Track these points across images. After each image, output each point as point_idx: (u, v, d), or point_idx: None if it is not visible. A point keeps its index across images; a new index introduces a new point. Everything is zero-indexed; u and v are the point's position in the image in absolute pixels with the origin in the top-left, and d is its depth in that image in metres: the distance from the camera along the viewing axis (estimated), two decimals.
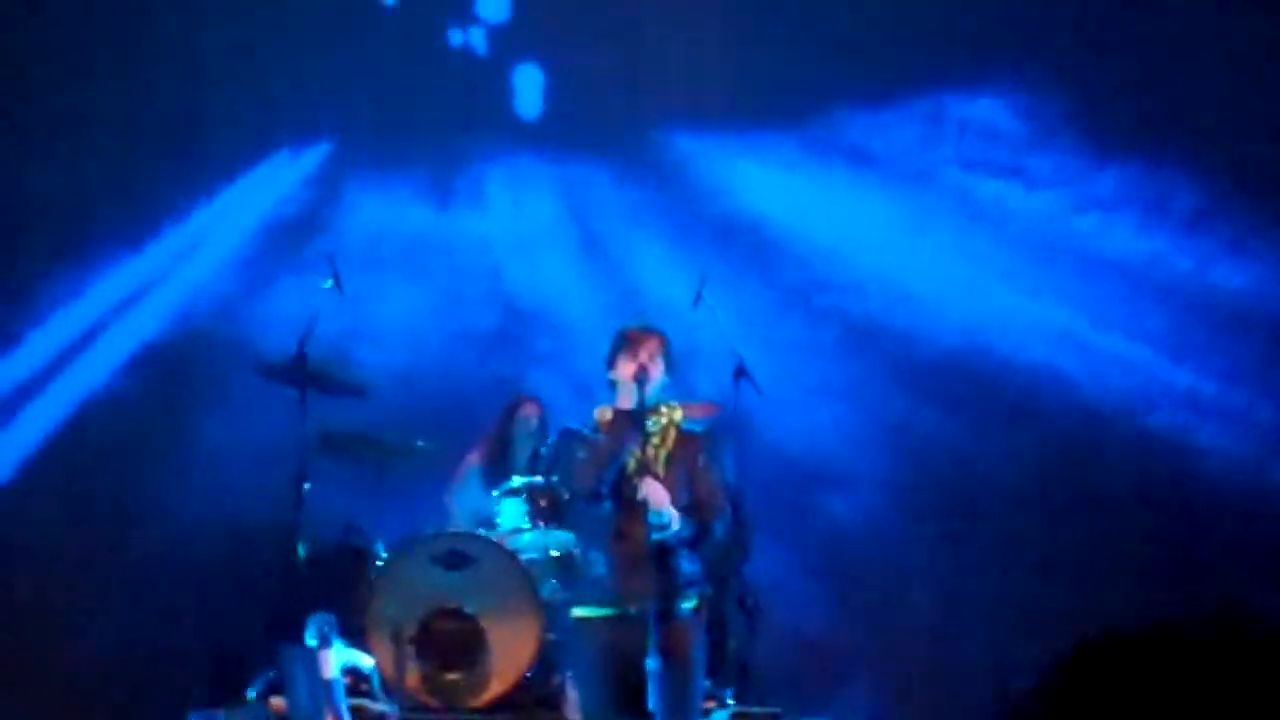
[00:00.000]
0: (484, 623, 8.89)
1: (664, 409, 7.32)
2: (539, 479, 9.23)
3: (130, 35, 10.60)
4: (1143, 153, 10.40)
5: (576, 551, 7.74)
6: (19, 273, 10.45)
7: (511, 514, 9.21)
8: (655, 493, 7.10)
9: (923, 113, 10.60)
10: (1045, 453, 10.29)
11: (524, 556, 9.08)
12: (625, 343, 7.34)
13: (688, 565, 7.25)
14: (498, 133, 10.79)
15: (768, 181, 10.68)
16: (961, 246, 10.55)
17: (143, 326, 10.55)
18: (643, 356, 7.26)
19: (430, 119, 10.77)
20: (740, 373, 9.09)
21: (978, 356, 10.43)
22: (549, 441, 9.42)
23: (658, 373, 7.26)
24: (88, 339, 10.49)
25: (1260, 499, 9.98)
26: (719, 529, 7.41)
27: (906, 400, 10.45)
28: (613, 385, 7.38)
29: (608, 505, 7.23)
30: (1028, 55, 10.44)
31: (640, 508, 7.10)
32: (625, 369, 7.29)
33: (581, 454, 7.27)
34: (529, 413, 9.76)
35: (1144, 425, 10.27)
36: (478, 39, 10.94)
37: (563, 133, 10.76)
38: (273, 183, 10.73)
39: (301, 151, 10.75)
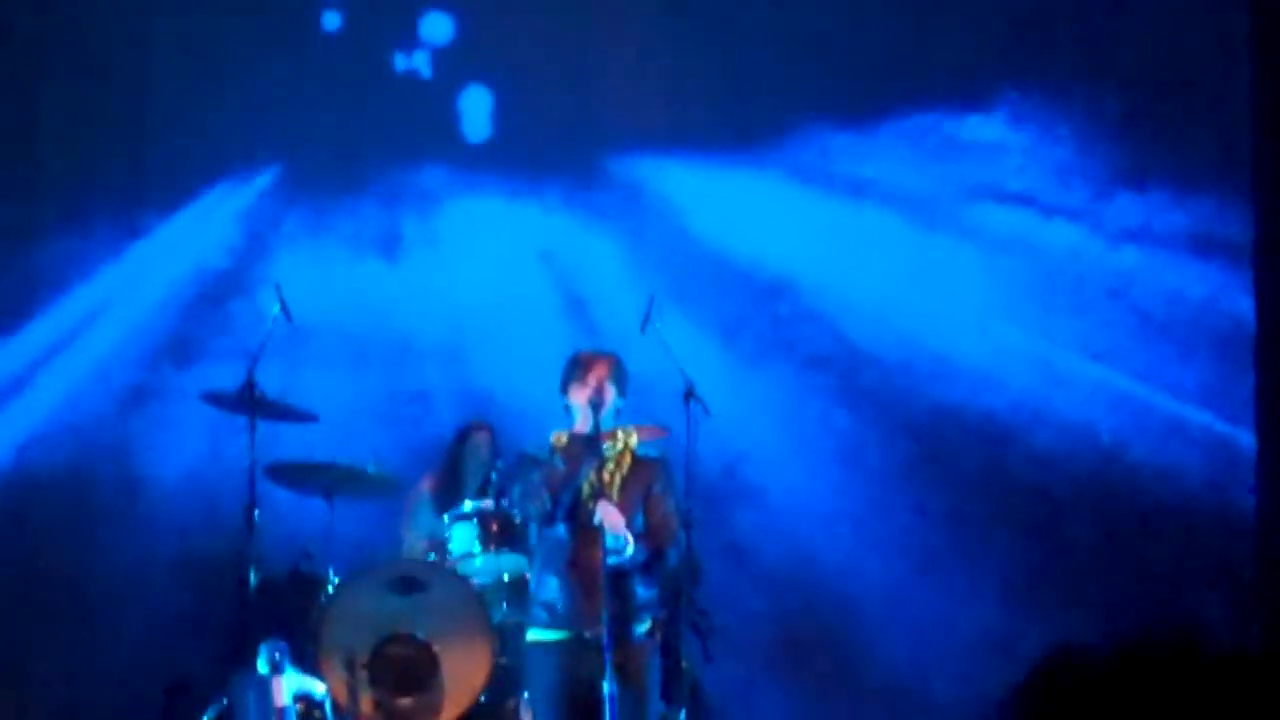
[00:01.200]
0: (436, 648, 8.87)
1: (620, 433, 7.37)
2: (489, 504, 9.23)
3: (77, 66, 10.57)
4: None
5: (529, 575, 7.75)
6: None
7: (462, 539, 9.20)
8: (611, 517, 7.14)
9: (895, 131, 10.63)
10: (1004, 474, 10.34)
11: (476, 581, 9.07)
12: (578, 367, 7.39)
13: (642, 590, 7.30)
14: (445, 157, 10.78)
15: (721, 204, 10.72)
16: (909, 262, 10.60)
17: (87, 357, 10.51)
18: (593, 380, 7.30)
19: (376, 144, 10.75)
20: (690, 395, 9.08)
21: (937, 380, 10.49)
22: (499, 466, 9.45)
23: (611, 396, 7.32)
24: (32, 370, 10.44)
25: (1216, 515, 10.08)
26: (673, 554, 7.47)
27: (860, 422, 10.50)
28: (567, 410, 7.42)
29: (562, 529, 7.27)
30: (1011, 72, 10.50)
31: (595, 532, 7.14)
32: (579, 394, 7.34)
33: (536, 477, 7.31)
34: (479, 439, 9.76)
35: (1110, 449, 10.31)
36: (422, 62, 10.94)
37: (511, 156, 10.77)
38: (214, 215, 10.71)
39: (242, 184, 10.73)
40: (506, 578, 9.15)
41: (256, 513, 9.01)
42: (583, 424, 7.37)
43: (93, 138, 10.54)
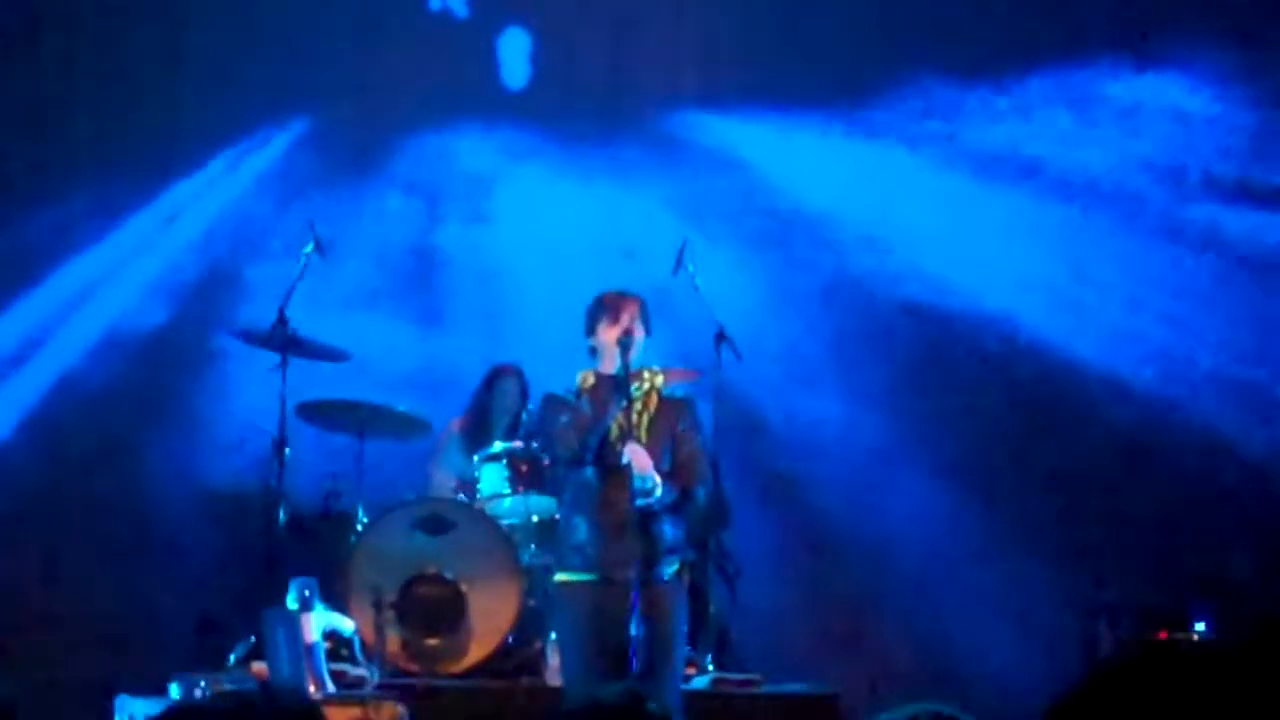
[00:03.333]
0: (464, 588, 8.90)
1: (646, 374, 7.34)
2: (519, 444, 9.24)
3: (112, 13, 10.57)
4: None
5: (558, 516, 7.75)
6: None
7: (492, 479, 9.21)
8: (639, 458, 7.11)
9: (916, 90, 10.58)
10: (1045, 430, 10.31)
11: (504, 522, 9.09)
12: (604, 308, 7.35)
13: (670, 531, 7.27)
14: (483, 102, 10.73)
15: (778, 154, 10.67)
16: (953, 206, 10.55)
17: (118, 301, 10.53)
18: (624, 320, 7.27)
19: (411, 88, 10.70)
20: (721, 338, 9.07)
21: (988, 336, 10.45)
22: (529, 409, 9.45)
23: (639, 335, 7.28)
24: (63, 315, 10.47)
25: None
26: (701, 495, 7.44)
27: (902, 375, 10.48)
28: (593, 351, 7.38)
29: (590, 470, 7.25)
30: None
31: (623, 473, 7.11)
32: (607, 333, 7.30)
33: (564, 419, 7.28)
34: (508, 382, 9.77)
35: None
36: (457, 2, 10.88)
37: (550, 102, 10.70)
38: (250, 160, 10.70)
39: (277, 130, 10.71)
40: (535, 519, 9.17)
41: (287, 450, 9.04)
42: (609, 364, 7.33)
43: (126, 86, 10.54)
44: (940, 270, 10.49)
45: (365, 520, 9.14)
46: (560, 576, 7.42)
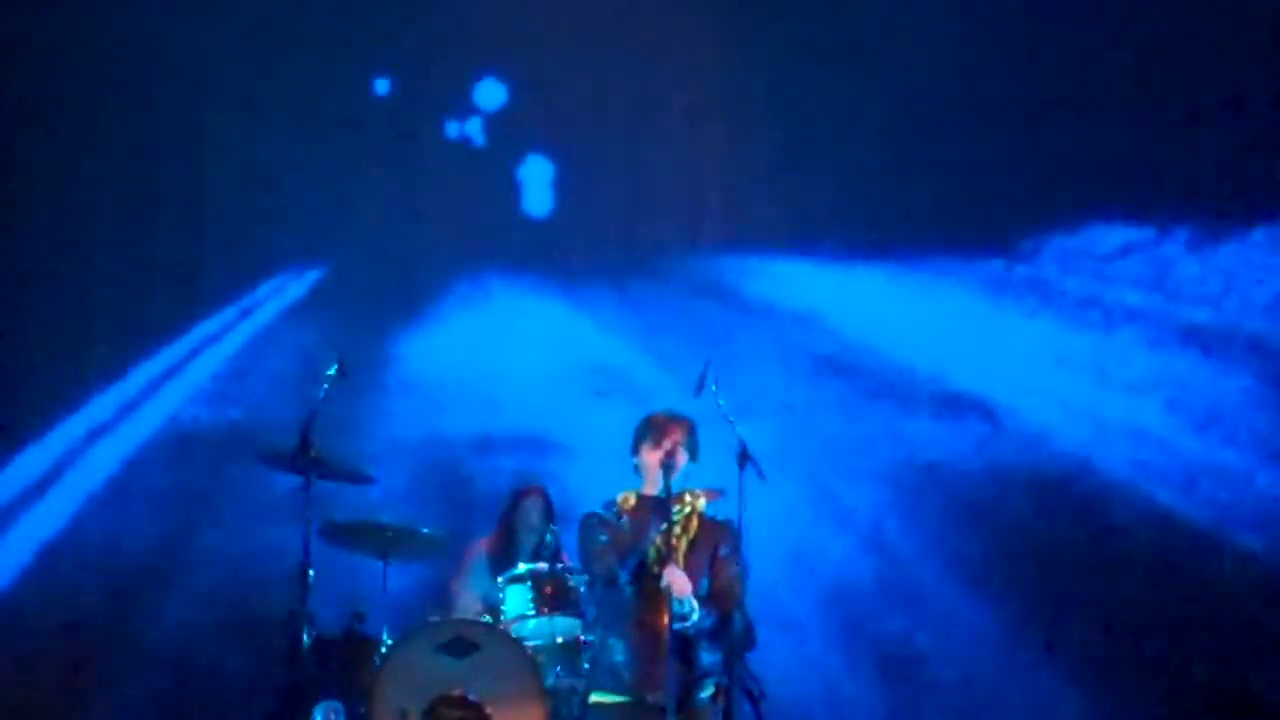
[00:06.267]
0: (489, 710, 8.83)
1: (688, 496, 7.37)
2: (543, 566, 9.23)
3: (134, 151, 10.70)
4: None
5: (586, 638, 7.74)
6: (19, 384, 10.48)
7: (516, 601, 9.18)
8: (679, 581, 7.13)
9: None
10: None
11: (529, 643, 9.06)
12: (651, 429, 7.40)
13: (707, 656, 7.29)
14: (504, 232, 10.84)
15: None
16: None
17: (140, 430, 10.60)
18: (668, 444, 7.32)
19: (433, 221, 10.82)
20: (744, 457, 9.08)
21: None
22: (553, 529, 9.46)
23: (683, 460, 7.32)
24: (86, 443, 10.54)
25: None
26: (738, 620, 7.44)
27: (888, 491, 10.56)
28: (637, 470, 7.42)
29: (628, 591, 7.26)
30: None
31: (661, 595, 7.13)
32: (651, 455, 7.35)
33: (603, 538, 7.31)
34: (531, 503, 9.79)
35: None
36: (475, 130, 11.01)
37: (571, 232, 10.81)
38: (270, 303, 10.82)
39: (297, 274, 10.83)
40: (560, 640, 9.13)
41: (311, 572, 9.03)
42: (651, 485, 7.37)
43: (148, 229, 10.66)
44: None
45: (390, 642, 9.12)
46: (595, 697, 7.42)
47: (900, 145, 10.71)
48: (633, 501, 7.40)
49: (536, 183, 10.94)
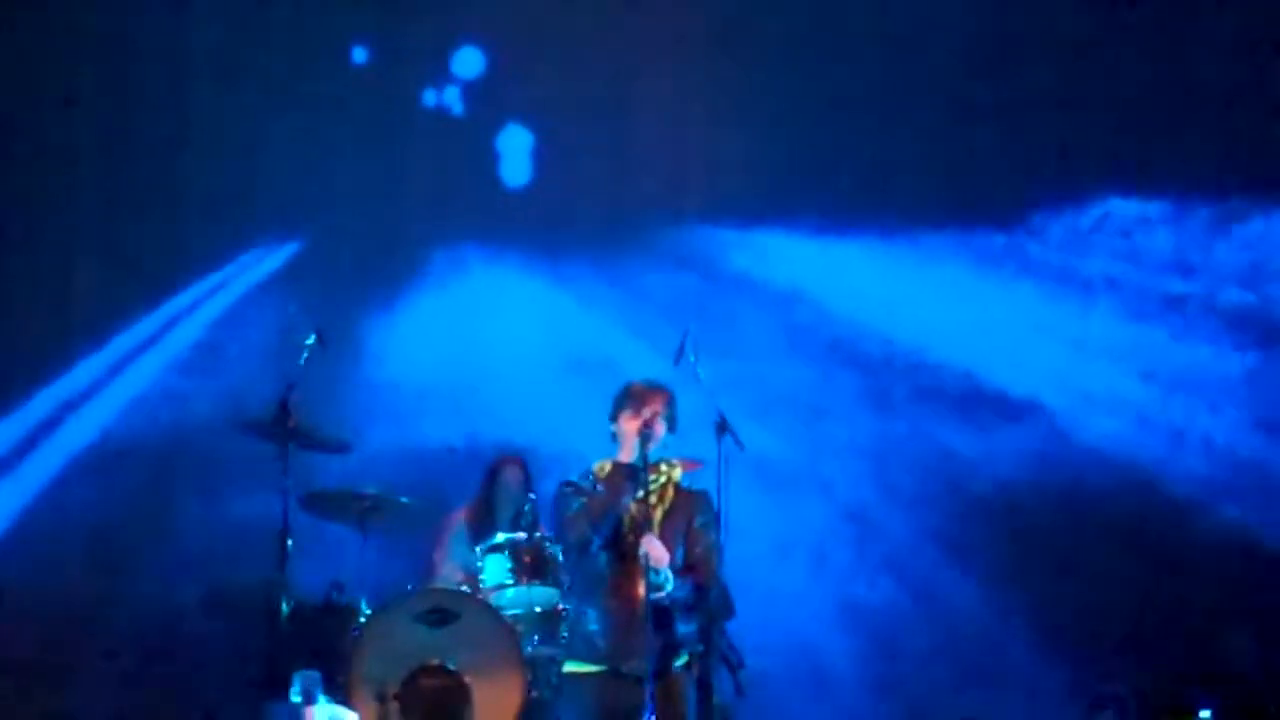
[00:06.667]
0: (468, 679, 8.85)
1: (664, 466, 7.36)
2: (522, 535, 9.23)
3: (111, 122, 10.66)
4: None
5: (564, 607, 7.74)
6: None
7: (495, 570, 9.19)
8: (655, 550, 7.12)
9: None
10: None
11: (508, 613, 9.07)
12: (631, 397, 7.39)
13: (683, 625, 7.30)
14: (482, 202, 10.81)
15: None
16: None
17: (119, 398, 10.58)
18: (647, 413, 7.31)
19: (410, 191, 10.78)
20: (723, 427, 9.08)
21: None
22: (532, 499, 9.46)
23: (661, 430, 7.32)
24: (65, 412, 10.53)
25: None
26: (715, 589, 7.44)
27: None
28: (614, 438, 7.42)
29: (602, 559, 7.26)
30: None
31: (636, 565, 7.13)
32: (629, 423, 7.35)
33: (576, 504, 7.30)
34: (511, 472, 9.80)
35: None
36: (453, 98, 10.97)
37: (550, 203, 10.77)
38: (248, 273, 10.80)
39: (275, 244, 10.80)
40: (538, 610, 9.13)
41: (289, 541, 9.02)
42: (628, 453, 7.37)
43: (126, 199, 10.64)
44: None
45: (368, 612, 9.12)
46: (569, 667, 7.42)
47: (888, 114, 10.68)
48: (608, 469, 7.41)
49: (515, 152, 10.90)
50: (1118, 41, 10.53)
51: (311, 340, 9.36)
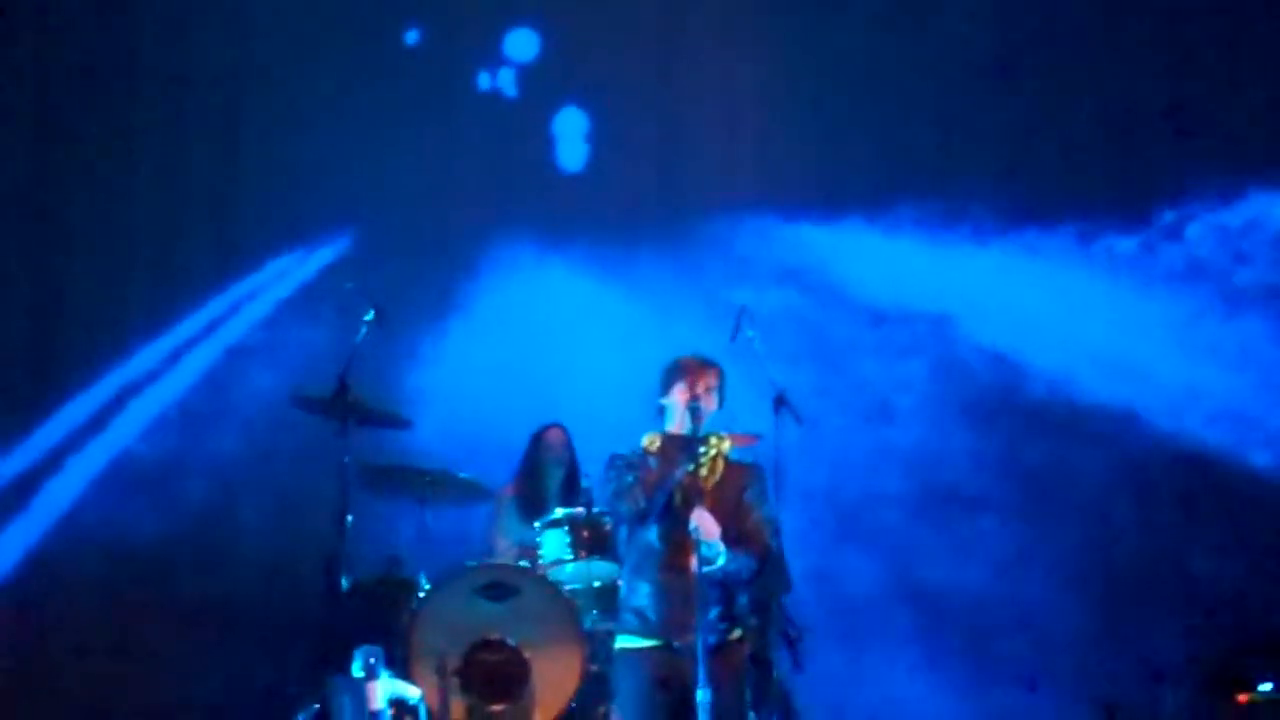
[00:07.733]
0: (528, 654, 8.93)
1: (713, 439, 7.36)
2: (580, 510, 9.28)
3: (167, 111, 10.76)
4: None
5: (620, 582, 7.77)
6: (62, 342, 10.59)
7: (554, 545, 9.26)
8: (706, 524, 7.11)
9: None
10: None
11: (566, 587, 9.12)
12: (684, 370, 7.38)
13: (736, 598, 7.28)
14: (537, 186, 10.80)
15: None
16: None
17: (180, 380, 10.69)
18: (699, 387, 7.31)
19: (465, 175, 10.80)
20: (780, 402, 9.08)
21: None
22: (580, 468, 9.50)
23: (711, 405, 7.32)
24: (126, 395, 10.64)
25: None
26: (770, 562, 7.43)
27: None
28: (662, 411, 7.42)
29: (654, 533, 7.26)
30: None
31: (688, 538, 7.12)
32: (680, 396, 7.34)
33: (630, 478, 7.29)
34: (554, 439, 9.87)
35: None
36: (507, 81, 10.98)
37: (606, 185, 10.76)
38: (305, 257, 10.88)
39: (330, 232, 10.87)
40: (597, 584, 9.20)
41: (349, 517, 9.08)
42: (679, 426, 7.37)
43: (182, 188, 10.74)
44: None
45: (428, 587, 9.18)
46: (621, 641, 7.41)
47: (950, 100, 10.64)
48: (658, 443, 7.40)
49: (571, 135, 10.92)
50: None
51: (370, 316, 9.42)
